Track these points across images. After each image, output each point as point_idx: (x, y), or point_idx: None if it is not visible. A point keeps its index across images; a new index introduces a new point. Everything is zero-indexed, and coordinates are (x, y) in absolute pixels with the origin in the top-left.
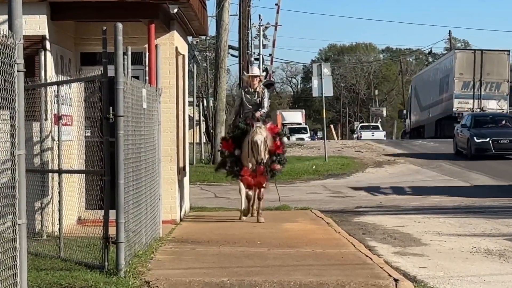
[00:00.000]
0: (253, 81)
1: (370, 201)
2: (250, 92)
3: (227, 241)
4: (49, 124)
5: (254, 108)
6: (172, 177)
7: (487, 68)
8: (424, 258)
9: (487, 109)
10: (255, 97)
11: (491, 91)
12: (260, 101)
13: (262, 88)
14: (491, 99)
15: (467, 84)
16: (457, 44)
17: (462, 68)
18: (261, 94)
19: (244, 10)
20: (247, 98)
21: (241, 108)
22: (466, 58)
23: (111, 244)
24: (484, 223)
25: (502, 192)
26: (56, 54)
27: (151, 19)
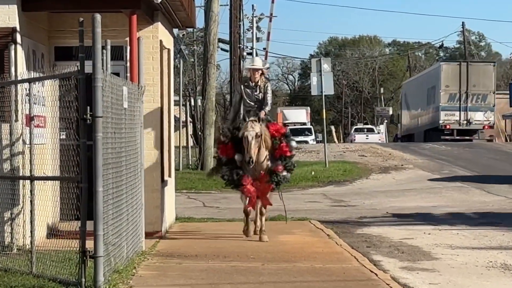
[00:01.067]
0: (254, 74)
1: (375, 210)
2: (251, 86)
3: (216, 255)
4: (20, 125)
5: (256, 105)
6: (156, 184)
7: (473, 79)
8: (435, 274)
9: (473, 121)
10: (257, 92)
11: (477, 103)
12: (263, 97)
13: (264, 82)
14: (478, 110)
15: (453, 96)
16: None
17: (448, 80)
18: (264, 89)
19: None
20: (247, 93)
21: (240, 105)
22: (452, 70)
23: (89, 258)
24: (501, 235)
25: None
26: (28, 48)
27: (132, 9)
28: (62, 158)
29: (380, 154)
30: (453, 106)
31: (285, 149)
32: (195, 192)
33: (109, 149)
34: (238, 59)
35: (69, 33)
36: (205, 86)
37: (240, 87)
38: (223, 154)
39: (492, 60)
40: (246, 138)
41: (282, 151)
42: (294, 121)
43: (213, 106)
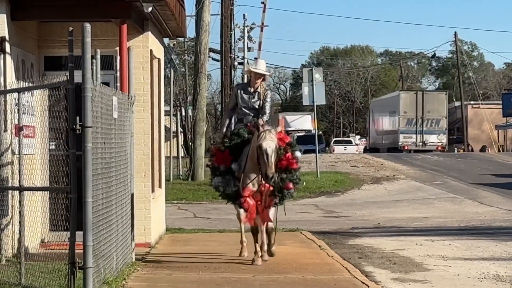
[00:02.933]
0: (256, 79)
1: (367, 221)
2: (249, 92)
3: (207, 266)
4: (9, 135)
5: (251, 113)
6: (146, 195)
7: (428, 106)
8: (427, 285)
9: (428, 142)
10: (255, 99)
11: (431, 127)
12: (261, 106)
13: (264, 89)
14: (432, 133)
15: (410, 121)
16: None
17: (406, 107)
18: (263, 97)
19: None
20: (243, 99)
21: (235, 110)
22: (409, 98)
23: (78, 269)
24: (494, 245)
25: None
26: (17, 58)
27: (122, 19)
28: (51, 168)
29: (372, 165)
30: (410, 129)
31: (291, 161)
32: (186, 202)
33: (99, 159)
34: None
35: (58, 42)
36: (196, 96)
37: (237, 91)
38: (219, 162)
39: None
40: (266, 151)
41: (289, 163)
42: (298, 128)
43: (204, 117)
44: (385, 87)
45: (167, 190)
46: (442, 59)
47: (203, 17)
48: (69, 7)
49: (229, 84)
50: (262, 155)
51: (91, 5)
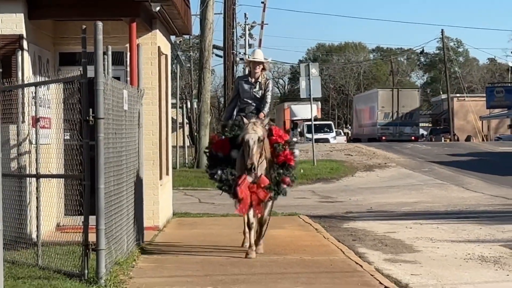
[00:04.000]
0: (255, 68)
1: (360, 206)
2: (250, 82)
3: (211, 248)
4: (27, 126)
5: (253, 103)
6: (155, 181)
7: (402, 102)
8: (416, 265)
9: (403, 133)
10: (256, 89)
11: (406, 119)
12: (262, 95)
13: (265, 79)
14: (406, 125)
15: (387, 114)
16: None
17: (383, 103)
18: (264, 86)
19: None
20: (245, 90)
21: (237, 101)
22: (386, 94)
23: (91, 251)
24: (479, 228)
25: None
26: (34, 54)
27: (132, 17)
28: (66, 157)
29: (365, 153)
30: (387, 122)
31: (289, 157)
32: (191, 189)
33: (110, 148)
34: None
35: (72, 39)
36: (200, 89)
37: (238, 82)
38: (217, 149)
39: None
40: (247, 142)
41: (287, 159)
42: (303, 117)
43: (208, 109)
44: (377, 81)
45: (174, 177)
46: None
47: (207, 16)
48: (83, 6)
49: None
50: (245, 146)
51: (103, 4)
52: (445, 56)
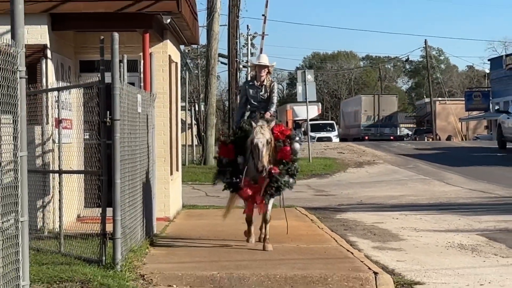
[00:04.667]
0: (260, 72)
1: (351, 199)
2: (256, 86)
3: (217, 237)
4: (50, 127)
5: (261, 105)
6: (166, 177)
7: (382, 106)
8: (401, 253)
9: (383, 134)
10: (262, 92)
11: (385, 122)
12: (268, 97)
13: (270, 81)
14: (386, 127)
15: (370, 117)
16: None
17: (366, 107)
18: (269, 88)
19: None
20: (251, 94)
21: (246, 106)
22: (368, 100)
23: (108, 239)
24: (458, 219)
25: None
26: (57, 62)
27: (145, 29)
28: (85, 155)
29: (356, 152)
30: (369, 124)
31: (285, 153)
32: (199, 183)
33: (126, 147)
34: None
35: (91, 49)
36: (207, 94)
37: (245, 87)
38: (223, 155)
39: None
40: (257, 145)
41: (283, 154)
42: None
43: (214, 111)
44: (367, 86)
45: (183, 173)
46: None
47: (213, 28)
48: (101, 19)
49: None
50: (254, 149)
51: (119, 17)
52: (428, 63)
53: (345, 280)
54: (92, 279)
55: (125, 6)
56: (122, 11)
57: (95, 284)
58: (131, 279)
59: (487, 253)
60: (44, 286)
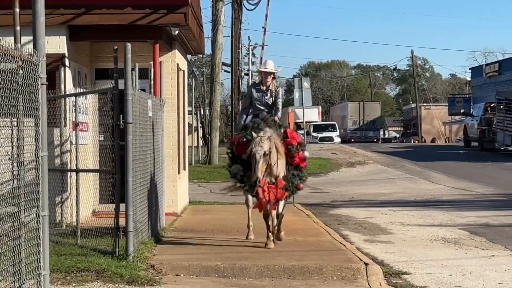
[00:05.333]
0: (266, 77)
1: (344, 196)
2: (262, 90)
3: (221, 231)
4: (68, 130)
5: (265, 109)
6: (174, 175)
7: (367, 112)
8: (390, 245)
9: (368, 136)
10: (267, 96)
11: (369, 126)
12: (274, 102)
13: (276, 86)
14: (370, 130)
15: (355, 122)
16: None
17: (352, 112)
18: (275, 94)
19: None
20: (257, 97)
21: (250, 108)
22: (354, 106)
23: (121, 233)
24: (442, 215)
25: None
26: (74, 70)
27: (155, 40)
28: (100, 155)
29: (348, 153)
30: (355, 127)
31: (302, 159)
32: (204, 181)
33: (137, 148)
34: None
35: (106, 58)
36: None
37: (251, 90)
38: (240, 152)
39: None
40: (254, 156)
41: (300, 161)
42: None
43: (218, 115)
44: (358, 93)
45: (190, 172)
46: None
47: (217, 39)
48: (114, 31)
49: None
50: (252, 160)
51: (131, 29)
52: (414, 72)
53: (338, 270)
54: (106, 269)
55: (137, 19)
56: (134, 23)
57: (109, 273)
58: (142, 269)
59: (468, 246)
60: (62, 275)
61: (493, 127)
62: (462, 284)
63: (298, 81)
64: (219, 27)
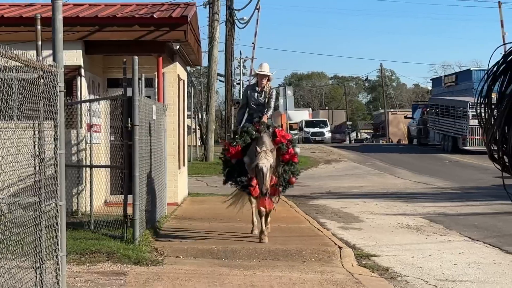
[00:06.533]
0: (262, 79)
1: (322, 189)
2: (257, 91)
3: (215, 218)
4: (83, 131)
5: (259, 109)
6: (175, 170)
7: (334, 118)
8: (361, 231)
9: (336, 138)
10: (262, 97)
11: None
12: (267, 101)
13: (270, 88)
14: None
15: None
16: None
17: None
18: (268, 94)
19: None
20: (252, 97)
21: (246, 109)
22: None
23: (129, 220)
24: (406, 205)
25: None
26: (89, 79)
27: (159, 53)
28: (111, 153)
29: (325, 152)
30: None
31: (293, 155)
32: (201, 176)
33: (143, 147)
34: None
35: (116, 69)
36: (208, 105)
37: (247, 91)
38: (233, 156)
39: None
40: (261, 170)
41: (291, 157)
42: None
43: (213, 119)
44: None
45: (189, 168)
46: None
47: (213, 53)
48: (124, 45)
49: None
50: (259, 173)
51: (138, 44)
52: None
53: (316, 253)
54: (116, 251)
55: (143, 35)
56: (140, 39)
57: (118, 255)
58: (147, 251)
59: (428, 232)
60: (78, 256)
61: (427, 126)
62: (423, 265)
63: (282, 89)
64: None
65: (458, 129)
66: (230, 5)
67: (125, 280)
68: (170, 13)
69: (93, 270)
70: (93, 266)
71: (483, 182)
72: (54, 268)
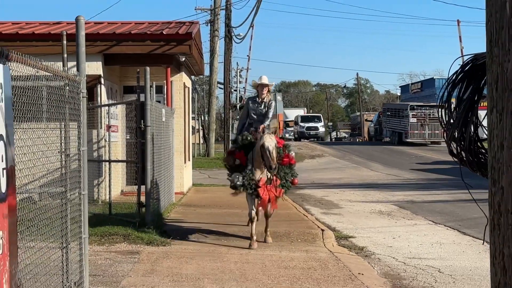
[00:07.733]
0: (262, 90)
1: (307, 180)
2: (257, 102)
3: (216, 205)
4: (103, 131)
5: (259, 119)
6: (181, 164)
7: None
8: (340, 216)
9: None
10: (261, 107)
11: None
12: (266, 112)
13: (269, 100)
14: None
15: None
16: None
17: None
18: (268, 105)
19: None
20: (253, 108)
21: (247, 118)
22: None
23: (142, 207)
24: (379, 194)
25: None
26: (108, 86)
27: (167, 65)
28: (127, 149)
29: (310, 148)
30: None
31: (291, 158)
32: (203, 169)
33: (154, 144)
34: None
35: (131, 77)
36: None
37: (248, 102)
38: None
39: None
40: (268, 149)
41: (289, 160)
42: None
43: (214, 120)
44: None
45: (193, 162)
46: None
47: (214, 64)
48: (137, 58)
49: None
50: (265, 152)
51: (150, 57)
52: (359, 89)
53: (302, 234)
54: (130, 233)
55: (154, 49)
56: (152, 52)
57: (133, 237)
58: (157, 234)
59: (398, 217)
60: (98, 238)
61: (381, 126)
62: (393, 245)
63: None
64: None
65: (402, 126)
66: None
67: (138, 258)
68: (177, 30)
69: (111, 250)
70: (111, 246)
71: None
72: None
